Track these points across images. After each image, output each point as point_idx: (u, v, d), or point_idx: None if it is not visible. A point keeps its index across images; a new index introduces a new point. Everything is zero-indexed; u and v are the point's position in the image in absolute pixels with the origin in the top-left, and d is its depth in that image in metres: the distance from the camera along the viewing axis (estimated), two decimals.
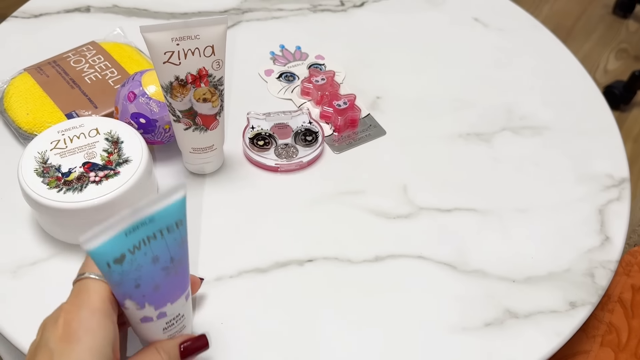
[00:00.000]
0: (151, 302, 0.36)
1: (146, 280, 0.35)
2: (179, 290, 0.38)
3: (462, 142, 0.64)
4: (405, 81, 0.70)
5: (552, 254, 0.55)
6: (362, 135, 0.64)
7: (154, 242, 0.34)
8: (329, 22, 0.77)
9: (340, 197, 0.58)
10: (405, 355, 0.47)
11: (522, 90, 0.70)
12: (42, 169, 0.49)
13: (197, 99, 0.51)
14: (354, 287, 0.51)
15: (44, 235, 0.52)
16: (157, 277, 0.36)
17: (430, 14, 0.79)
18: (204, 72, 0.49)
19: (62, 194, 0.47)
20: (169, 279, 0.36)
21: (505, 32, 0.78)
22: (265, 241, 0.54)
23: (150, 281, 0.35)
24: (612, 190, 0.61)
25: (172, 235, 0.35)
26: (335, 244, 0.54)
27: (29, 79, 0.62)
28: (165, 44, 0.47)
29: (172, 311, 0.38)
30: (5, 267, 0.50)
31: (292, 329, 0.48)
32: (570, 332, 0.50)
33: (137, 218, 0.33)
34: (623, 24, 1.83)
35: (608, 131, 0.67)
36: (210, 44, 0.48)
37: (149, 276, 0.35)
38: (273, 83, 0.68)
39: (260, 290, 0.50)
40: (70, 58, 0.64)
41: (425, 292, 0.51)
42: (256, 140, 0.60)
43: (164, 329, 0.39)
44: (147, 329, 0.38)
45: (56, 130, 0.52)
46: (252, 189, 0.58)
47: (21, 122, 0.58)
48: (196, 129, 0.53)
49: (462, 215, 0.57)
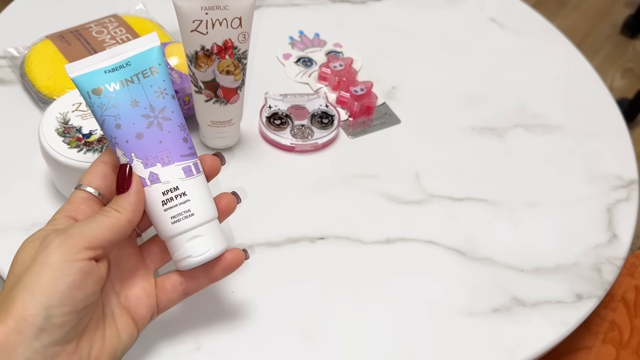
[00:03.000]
0: (137, 153, 0.38)
1: (126, 122, 0.38)
2: (170, 152, 0.38)
3: (476, 135, 0.65)
4: (422, 73, 0.71)
5: (561, 248, 0.55)
6: (377, 122, 0.64)
7: (132, 85, 0.38)
8: (348, 13, 0.77)
9: (353, 180, 0.58)
10: (412, 334, 0.48)
11: (536, 90, 0.71)
12: (63, 129, 0.49)
13: (221, 71, 0.51)
14: (364, 266, 0.52)
15: (59, 196, 0.52)
16: (138, 123, 0.38)
17: (448, 10, 0.80)
18: (229, 44, 0.50)
19: (83, 154, 0.48)
20: (152, 131, 0.38)
21: (521, 34, 0.79)
22: (279, 217, 0.54)
23: (131, 125, 0.38)
24: (620, 190, 0.61)
25: (148, 82, 0.39)
26: (346, 224, 0.54)
27: (50, 46, 0.62)
28: (195, 13, 0.48)
29: (165, 177, 0.38)
30: (20, 224, 0.50)
31: (301, 303, 0.48)
32: (576, 322, 0.50)
33: (115, 60, 0.39)
34: (630, 44, 1.85)
35: (618, 134, 0.68)
36: (238, 15, 0.49)
37: (128, 118, 0.38)
38: (291, 67, 0.69)
39: (272, 263, 0.51)
40: (92, 29, 0.65)
41: (434, 275, 0.52)
42: (273, 119, 0.61)
43: (162, 203, 0.38)
44: (147, 201, 0.38)
45: (78, 93, 0.52)
46: (267, 166, 0.58)
47: (41, 86, 0.59)
48: (217, 101, 0.54)
49: (473, 205, 0.58)
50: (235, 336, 0.46)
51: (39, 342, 0.33)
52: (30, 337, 0.33)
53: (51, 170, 0.51)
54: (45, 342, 0.33)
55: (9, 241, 0.49)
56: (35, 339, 0.33)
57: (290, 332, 0.47)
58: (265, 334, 0.46)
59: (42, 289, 0.33)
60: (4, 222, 0.51)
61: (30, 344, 0.33)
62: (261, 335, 0.46)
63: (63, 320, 0.33)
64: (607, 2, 1.98)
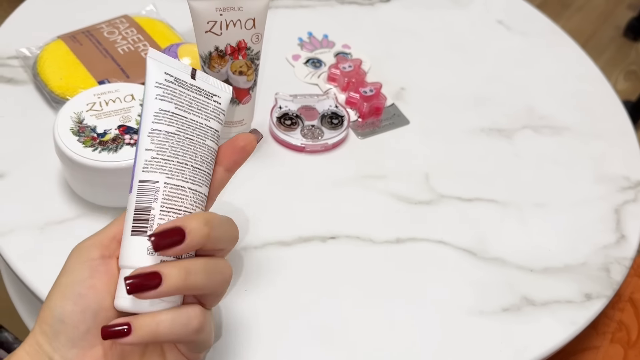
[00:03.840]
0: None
1: None
2: None
3: (484, 136, 0.65)
4: (430, 75, 0.71)
5: (569, 248, 0.56)
6: (386, 123, 0.65)
7: None
8: (356, 15, 0.78)
9: (363, 180, 0.59)
10: (423, 333, 0.48)
11: (543, 92, 0.72)
12: (77, 128, 0.50)
13: (234, 71, 0.52)
14: (374, 266, 0.52)
15: (72, 195, 0.53)
16: None
17: (455, 12, 0.81)
18: (243, 45, 0.51)
19: (98, 153, 0.48)
20: None
21: (528, 36, 0.79)
22: (290, 216, 0.55)
23: None
24: (628, 191, 0.62)
25: None
26: (357, 224, 0.55)
27: (62, 46, 0.63)
28: (210, 14, 0.48)
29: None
30: (34, 223, 0.51)
31: (312, 301, 0.49)
32: (585, 322, 0.51)
33: None
34: (633, 46, 1.86)
35: (625, 135, 0.68)
36: (252, 17, 0.49)
37: None
38: (300, 68, 0.69)
39: (284, 262, 0.51)
40: (103, 29, 0.65)
41: (444, 275, 0.52)
42: (283, 119, 0.61)
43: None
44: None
45: (92, 93, 0.53)
46: (278, 166, 0.59)
47: (54, 86, 0.59)
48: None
49: (483, 206, 0.58)
50: (247, 334, 0.46)
51: (58, 342, 0.33)
52: (50, 337, 0.33)
53: (65, 169, 0.51)
54: (63, 342, 0.33)
55: (22, 240, 0.50)
56: (55, 339, 0.33)
57: (302, 330, 0.47)
58: (277, 332, 0.47)
59: (58, 290, 0.34)
60: (18, 221, 0.51)
61: (52, 343, 0.33)
62: (273, 333, 0.47)
63: (76, 320, 0.33)
64: (610, 5, 1.98)
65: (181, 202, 0.35)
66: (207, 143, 0.37)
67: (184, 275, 0.33)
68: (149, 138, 0.36)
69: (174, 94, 0.37)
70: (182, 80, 0.38)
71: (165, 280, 0.32)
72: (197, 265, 0.33)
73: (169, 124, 0.36)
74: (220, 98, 0.39)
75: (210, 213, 0.35)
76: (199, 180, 0.37)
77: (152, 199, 0.35)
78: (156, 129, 0.36)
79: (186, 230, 0.32)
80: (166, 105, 0.36)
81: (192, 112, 0.37)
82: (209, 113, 0.38)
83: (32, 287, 0.47)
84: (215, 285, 0.35)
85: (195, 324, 0.34)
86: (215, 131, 0.38)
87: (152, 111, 0.36)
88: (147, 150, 0.36)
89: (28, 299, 0.64)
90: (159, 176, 0.35)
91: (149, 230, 0.34)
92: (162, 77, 0.37)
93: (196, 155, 0.37)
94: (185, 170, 0.36)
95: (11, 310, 0.68)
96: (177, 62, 0.38)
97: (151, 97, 0.36)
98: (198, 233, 0.33)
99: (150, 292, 0.32)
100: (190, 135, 0.37)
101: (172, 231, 0.32)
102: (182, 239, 0.32)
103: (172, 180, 0.35)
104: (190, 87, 0.38)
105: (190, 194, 0.36)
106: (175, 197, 0.35)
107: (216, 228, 0.34)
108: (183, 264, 0.33)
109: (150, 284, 0.32)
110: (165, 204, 0.35)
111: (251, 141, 0.38)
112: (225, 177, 0.39)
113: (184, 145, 0.36)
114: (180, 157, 0.36)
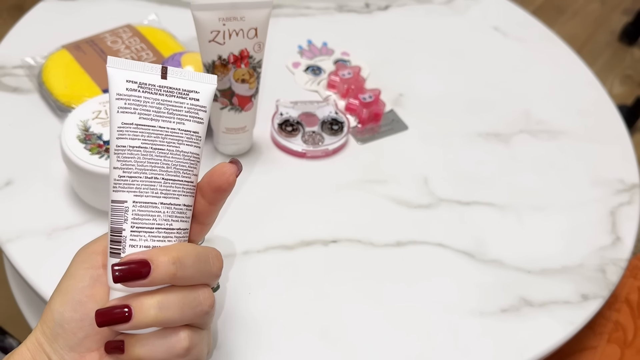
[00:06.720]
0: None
1: None
2: None
3: (482, 141, 0.66)
4: (428, 81, 0.72)
5: (566, 250, 0.57)
6: (385, 128, 0.66)
7: None
8: (355, 22, 0.79)
9: (363, 184, 0.60)
10: (423, 335, 0.49)
11: (539, 97, 0.73)
12: (84, 135, 0.51)
13: (236, 79, 0.53)
14: (375, 269, 0.53)
15: (78, 201, 0.54)
16: None
17: (452, 19, 0.82)
18: (245, 54, 0.52)
19: (104, 160, 0.49)
20: None
21: (524, 42, 0.81)
22: (292, 221, 0.56)
23: None
24: (623, 194, 0.63)
25: None
26: (358, 228, 0.56)
27: (67, 55, 0.64)
28: (213, 24, 0.49)
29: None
30: (41, 229, 0.52)
31: (314, 304, 0.50)
32: (582, 321, 0.52)
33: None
34: (628, 51, 1.88)
35: (620, 139, 0.69)
36: (254, 26, 0.50)
37: None
38: (300, 75, 0.70)
39: (286, 265, 0.52)
40: (107, 38, 0.67)
41: (444, 277, 0.53)
42: (284, 126, 0.62)
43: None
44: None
45: (97, 101, 0.54)
46: (280, 172, 0.60)
47: (59, 95, 0.60)
48: (232, 109, 0.55)
49: (481, 209, 0.59)
50: (251, 336, 0.47)
51: (57, 344, 0.34)
52: (50, 338, 0.34)
53: (72, 176, 0.52)
54: (61, 345, 0.34)
55: (30, 246, 0.51)
56: (54, 341, 0.34)
57: (305, 333, 0.48)
58: (280, 335, 0.48)
59: (58, 295, 0.35)
60: (25, 227, 0.52)
61: (51, 344, 0.34)
62: (276, 336, 0.48)
63: (74, 327, 0.34)
64: (605, 10, 2.00)
65: (153, 220, 0.33)
66: (182, 149, 0.34)
67: (155, 312, 0.31)
68: (115, 156, 0.34)
69: (138, 102, 0.34)
70: (148, 85, 0.34)
71: (135, 316, 0.31)
72: (171, 298, 0.32)
73: (133, 138, 0.33)
74: (199, 93, 0.35)
75: (185, 248, 0.33)
76: (174, 192, 0.34)
77: (122, 219, 0.33)
78: (120, 145, 0.34)
79: (152, 264, 0.31)
80: (129, 117, 0.34)
81: (161, 118, 0.34)
82: (183, 115, 0.34)
83: (40, 292, 0.48)
84: (191, 318, 0.33)
85: (183, 345, 0.33)
86: (192, 133, 0.35)
87: (115, 126, 0.34)
88: (114, 168, 0.34)
89: (35, 304, 0.65)
90: (127, 195, 0.33)
91: (122, 252, 0.33)
92: (123, 87, 0.34)
93: (168, 165, 0.34)
94: (156, 185, 0.34)
95: (18, 316, 0.69)
96: (142, 65, 0.34)
97: (114, 112, 0.34)
98: (163, 270, 0.31)
99: (121, 325, 0.31)
100: (160, 145, 0.34)
101: (138, 263, 0.31)
102: (147, 273, 0.31)
103: (141, 198, 0.33)
104: (158, 90, 0.34)
105: (163, 210, 0.34)
106: (145, 215, 0.33)
107: (187, 267, 0.32)
108: (156, 299, 0.32)
109: (119, 317, 0.31)
110: (135, 224, 0.33)
111: (228, 177, 0.35)
112: (210, 209, 0.36)
113: (151, 158, 0.33)
114: (148, 171, 0.33)
